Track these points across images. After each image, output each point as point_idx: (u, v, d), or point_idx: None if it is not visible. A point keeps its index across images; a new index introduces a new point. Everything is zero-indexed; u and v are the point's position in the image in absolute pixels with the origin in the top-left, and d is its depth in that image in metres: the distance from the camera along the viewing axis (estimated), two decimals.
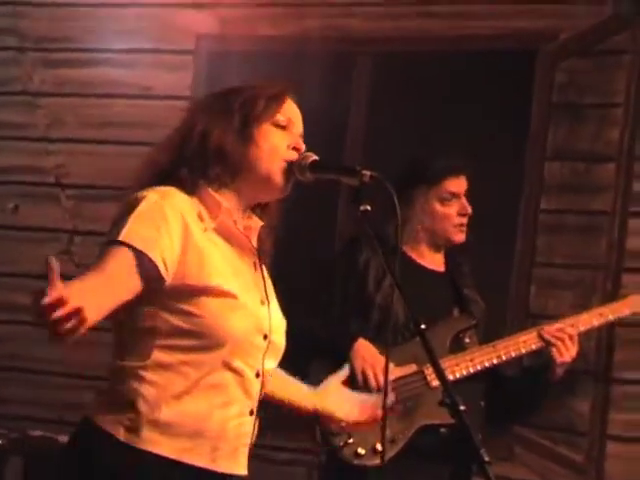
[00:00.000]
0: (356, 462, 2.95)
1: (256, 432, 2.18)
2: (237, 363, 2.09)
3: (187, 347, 2.05)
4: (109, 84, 4.62)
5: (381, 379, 2.96)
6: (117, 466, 2.03)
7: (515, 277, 4.02)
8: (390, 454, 2.92)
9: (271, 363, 2.19)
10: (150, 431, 2.03)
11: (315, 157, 2.18)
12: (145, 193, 2.06)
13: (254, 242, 2.22)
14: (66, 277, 4.96)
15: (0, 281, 4.69)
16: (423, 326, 2.01)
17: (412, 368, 3.04)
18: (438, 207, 3.21)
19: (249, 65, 4.28)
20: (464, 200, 3.23)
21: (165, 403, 2.04)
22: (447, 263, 3.29)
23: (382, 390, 2.89)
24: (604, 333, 3.77)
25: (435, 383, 3.01)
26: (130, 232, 1.99)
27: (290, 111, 2.21)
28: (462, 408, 1.93)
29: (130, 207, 2.04)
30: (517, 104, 4.11)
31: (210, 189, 2.13)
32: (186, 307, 2.04)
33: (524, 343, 3.14)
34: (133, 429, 2.03)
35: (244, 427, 2.14)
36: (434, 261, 3.26)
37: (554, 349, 3.10)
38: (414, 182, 3.23)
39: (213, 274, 2.05)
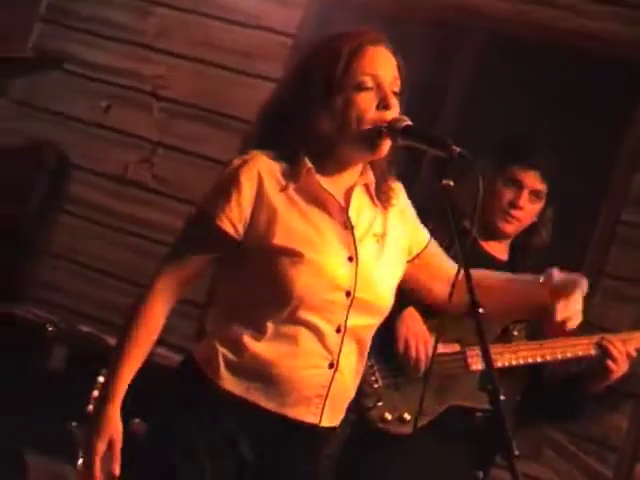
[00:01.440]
0: (381, 426, 2.96)
1: (341, 385, 2.22)
2: (309, 317, 2.15)
3: (259, 301, 2.16)
4: (221, 8, 4.61)
5: (421, 351, 2.96)
6: (200, 396, 2.19)
7: None
8: (411, 425, 2.94)
9: (363, 319, 2.22)
10: (225, 370, 2.17)
11: (409, 122, 2.16)
12: (232, 159, 2.20)
13: (361, 199, 2.25)
14: (141, 184, 5.07)
15: (78, 175, 4.76)
16: (481, 310, 2.01)
17: (455, 347, 3.04)
18: (498, 185, 3.13)
19: (360, 16, 4.25)
20: (525, 194, 3.15)
21: (237, 347, 2.16)
22: (511, 254, 3.25)
23: (415, 363, 2.93)
24: None
25: (475, 367, 3.01)
26: (208, 200, 2.19)
27: (373, 65, 2.15)
28: (502, 397, 1.94)
29: (218, 174, 2.21)
30: (619, 110, 4.03)
31: (305, 154, 2.17)
32: (259, 265, 2.15)
33: (572, 347, 3.10)
34: (214, 366, 2.18)
35: (317, 378, 2.19)
36: (497, 248, 3.21)
37: (610, 361, 3.06)
38: (490, 153, 3.18)
39: (278, 232, 2.13)
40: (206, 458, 2.16)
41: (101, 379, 3.28)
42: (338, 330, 2.18)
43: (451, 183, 2.09)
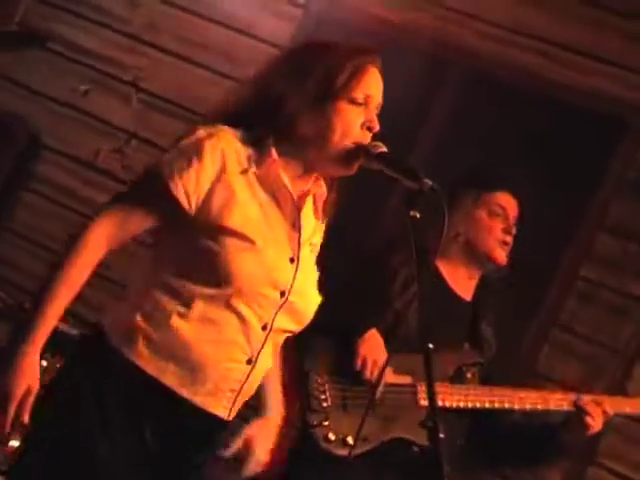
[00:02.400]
0: (323, 445, 2.95)
1: (252, 382, 2.21)
2: (241, 307, 2.12)
3: (196, 277, 2.10)
4: (214, 9, 4.61)
5: (376, 374, 2.96)
6: (107, 371, 2.10)
7: (533, 331, 4.00)
8: (356, 451, 2.93)
9: (288, 323, 2.21)
10: (142, 345, 2.10)
11: (384, 149, 2.19)
12: (196, 128, 2.13)
13: (309, 206, 2.24)
14: (110, 173, 5.02)
15: (48, 156, 4.73)
16: (431, 346, 2.02)
17: (407, 379, 3.04)
18: (484, 217, 3.16)
19: (352, 36, 4.26)
20: (512, 220, 3.17)
21: (161, 322, 2.10)
22: (476, 292, 3.24)
23: (372, 384, 2.94)
24: None
25: (423, 402, 3.01)
26: (165, 163, 2.10)
27: (370, 85, 2.18)
28: (441, 436, 1.94)
29: (178, 139, 2.14)
30: (591, 166, 4.06)
31: (273, 144, 2.15)
32: (205, 241, 2.09)
33: (520, 399, 3.10)
34: (131, 340, 2.10)
35: (234, 373, 2.17)
36: (464, 287, 3.20)
37: (589, 418, 3.05)
38: (466, 185, 3.19)
39: (235, 215, 2.10)
40: (103, 436, 2.08)
41: (44, 363, 3.25)
42: (264, 328, 2.16)
43: (418, 215, 2.10)
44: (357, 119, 2.16)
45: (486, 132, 4.21)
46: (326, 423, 2.96)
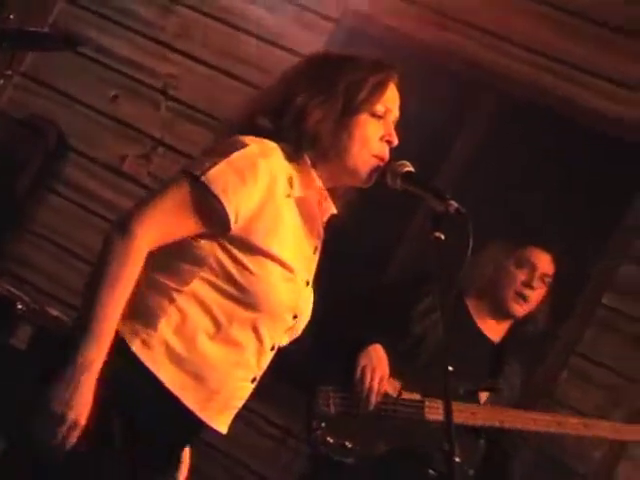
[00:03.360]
0: (322, 448, 3.00)
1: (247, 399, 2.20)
2: (263, 330, 2.11)
3: (228, 294, 2.05)
4: (246, 19, 4.63)
5: (375, 385, 2.98)
6: (119, 374, 1.97)
7: (551, 357, 3.98)
8: (355, 456, 2.99)
9: (286, 341, 2.21)
10: (162, 354, 2.02)
11: (411, 168, 2.20)
12: (248, 142, 2.07)
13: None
14: (135, 179, 5.01)
15: (74, 159, 4.74)
16: (451, 368, 2.01)
17: (416, 396, 3.06)
18: (511, 268, 3.18)
19: (383, 53, 4.24)
20: (537, 275, 3.17)
21: (186, 335, 2.04)
22: (505, 337, 3.24)
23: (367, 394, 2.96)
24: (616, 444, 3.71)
25: (430, 417, 3.02)
26: (215, 175, 2.01)
27: (390, 99, 2.21)
28: (457, 460, 1.93)
29: (227, 150, 2.05)
30: (617, 196, 4.02)
31: (309, 161, 2.15)
32: (244, 259, 2.05)
33: (533, 421, 3.09)
34: (147, 345, 2.02)
35: (242, 391, 2.17)
36: (492, 329, 3.22)
37: None
38: (503, 236, 3.22)
39: (280, 242, 2.07)
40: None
41: None
42: (272, 348, 2.17)
43: (442, 236, 2.09)
44: (377, 132, 2.17)
45: (516, 158, 4.19)
46: (323, 425, 3.00)
